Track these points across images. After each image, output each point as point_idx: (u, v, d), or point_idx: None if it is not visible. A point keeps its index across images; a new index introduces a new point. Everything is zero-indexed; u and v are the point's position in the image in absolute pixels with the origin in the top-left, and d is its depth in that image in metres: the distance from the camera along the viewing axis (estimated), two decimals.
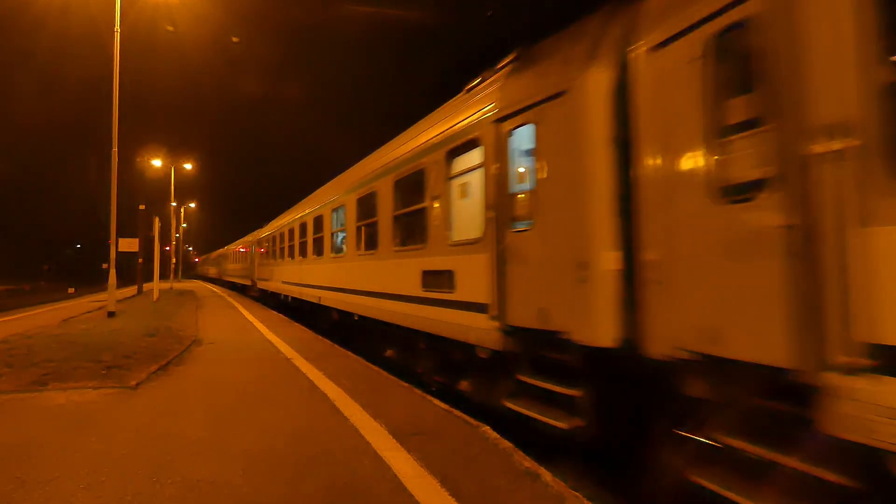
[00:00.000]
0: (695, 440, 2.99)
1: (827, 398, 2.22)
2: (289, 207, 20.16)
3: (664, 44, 3.20)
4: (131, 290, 28.09)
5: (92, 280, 49.71)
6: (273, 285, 19.07)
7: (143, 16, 16.40)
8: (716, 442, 2.87)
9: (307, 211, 13.50)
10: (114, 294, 14.86)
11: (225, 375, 6.79)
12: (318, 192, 13.65)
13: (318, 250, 12.07)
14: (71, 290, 37.52)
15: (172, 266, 43.02)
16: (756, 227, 2.62)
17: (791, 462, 2.42)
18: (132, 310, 16.74)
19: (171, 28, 17.83)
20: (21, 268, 67.72)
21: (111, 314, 14.29)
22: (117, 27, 14.72)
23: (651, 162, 3.33)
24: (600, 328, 3.58)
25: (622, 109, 3.59)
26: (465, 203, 5.84)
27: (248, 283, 26.50)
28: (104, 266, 17.85)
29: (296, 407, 5.23)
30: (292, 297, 15.30)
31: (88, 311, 16.74)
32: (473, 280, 5.04)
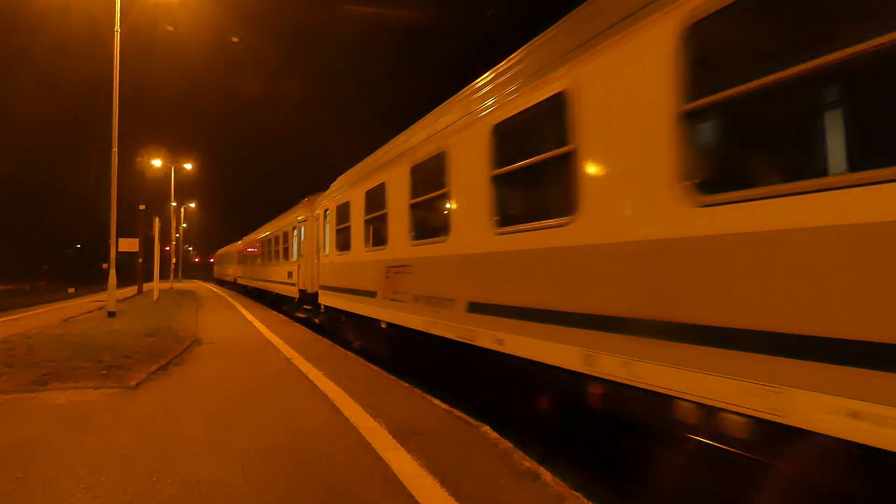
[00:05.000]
0: (695, 441, 2.99)
1: None
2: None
3: None
4: (131, 290, 28.10)
5: (92, 280, 49.74)
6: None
7: (143, 16, 16.44)
8: None
9: None
10: (114, 294, 14.85)
11: (225, 375, 6.79)
12: None
13: None
14: (71, 290, 37.53)
15: (172, 266, 43.00)
16: None
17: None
18: (132, 310, 16.73)
19: (171, 28, 17.86)
20: (21, 268, 67.77)
21: (111, 314, 14.29)
22: (117, 27, 14.73)
23: None
24: None
25: None
26: None
27: None
28: (104, 266, 17.84)
29: (296, 407, 5.23)
30: None
31: (88, 311, 16.73)
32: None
